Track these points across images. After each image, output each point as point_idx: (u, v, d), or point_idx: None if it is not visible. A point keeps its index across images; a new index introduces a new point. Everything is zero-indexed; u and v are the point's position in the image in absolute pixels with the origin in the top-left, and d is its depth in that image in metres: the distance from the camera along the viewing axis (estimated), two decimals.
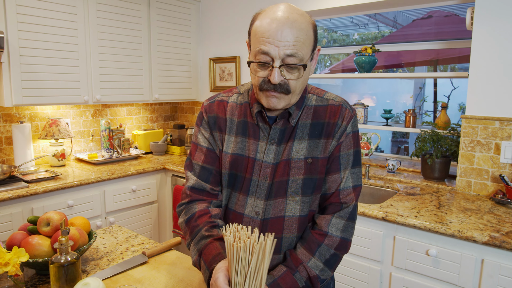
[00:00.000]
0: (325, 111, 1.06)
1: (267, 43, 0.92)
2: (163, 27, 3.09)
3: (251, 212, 1.05)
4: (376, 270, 1.86)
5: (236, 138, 1.08)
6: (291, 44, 0.91)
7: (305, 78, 1.00)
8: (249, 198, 1.06)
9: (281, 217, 1.04)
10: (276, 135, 1.05)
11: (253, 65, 0.98)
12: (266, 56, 0.93)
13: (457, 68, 5.48)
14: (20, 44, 2.29)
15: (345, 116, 1.05)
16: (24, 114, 2.68)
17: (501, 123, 2.00)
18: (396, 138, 6.20)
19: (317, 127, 1.05)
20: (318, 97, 1.08)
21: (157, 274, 1.17)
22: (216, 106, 1.13)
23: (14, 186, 2.15)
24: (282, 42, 0.91)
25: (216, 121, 1.11)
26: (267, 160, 1.04)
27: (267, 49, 0.92)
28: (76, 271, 1.00)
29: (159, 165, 2.89)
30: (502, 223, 1.66)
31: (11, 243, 1.14)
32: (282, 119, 1.05)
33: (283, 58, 0.92)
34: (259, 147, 1.06)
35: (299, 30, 0.92)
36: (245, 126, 1.08)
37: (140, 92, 3.00)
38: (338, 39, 5.74)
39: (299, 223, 1.04)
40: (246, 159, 1.06)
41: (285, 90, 0.96)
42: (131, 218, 2.73)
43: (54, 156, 2.67)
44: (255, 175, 1.05)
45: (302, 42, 0.93)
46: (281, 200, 1.04)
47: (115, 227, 1.58)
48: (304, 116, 1.06)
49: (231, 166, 1.08)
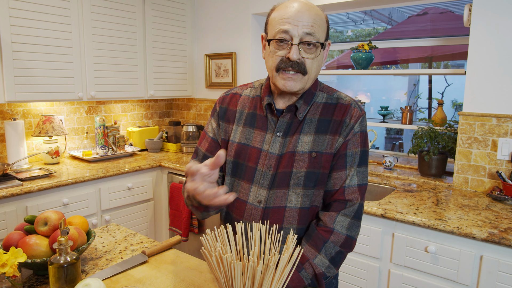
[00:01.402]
0: (334, 109, 1.08)
1: (286, 23, 0.98)
2: (158, 22, 3.05)
3: (254, 200, 1.08)
4: (375, 267, 1.86)
5: (243, 128, 1.13)
6: (310, 24, 0.98)
7: (319, 62, 1.05)
8: (252, 186, 1.09)
9: (283, 207, 1.06)
10: (282, 127, 1.07)
11: (272, 46, 1.02)
12: (286, 35, 0.99)
13: (450, 65, 5.51)
14: (13, 39, 2.25)
15: (353, 115, 1.06)
16: (17, 110, 2.63)
17: (498, 120, 2.01)
18: (390, 135, 6.23)
19: (324, 123, 1.06)
20: (328, 95, 1.11)
21: (158, 273, 1.15)
22: (229, 99, 1.19)
23: (7, 184, 2.11)
24: (301, 22, 0.97)
25: (226, 113, 1.17)
26: (272, 151, 1.07)
27: (287, 28, 0.98)
28: (76, 271, 0.98)
29: (155, 162, 2.86)
30: (500, 220, 1.67)
31: (7, 243, 1.11)
32: (289, 112, 1.08)
33: (301, 37, 0.98)
34: (266, 138, 1.09)
35: (316, 14, 1.00)
36: (254, 118, 1.12)
37: (135, 89, 2.96)
38: (332, 35, 5.73)
39: (299, 215, 1.06)
40: (251, 149, 1.10)
41: (302, 70, 1.00)
42: (127, 216, 2.71)
43: (48, 154, 2.62)
44: (260, 164, 1.08)
45: (318, 25, 1.00)
46: (283, 191, 1.06)
47: (113, 225, 1.55)
48: (312, 112, 1.08)
49: (236, 155, 1.12)
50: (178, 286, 1.08)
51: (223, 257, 0.68)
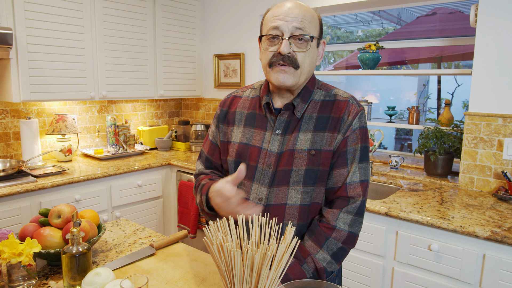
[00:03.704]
0: (332, 106, 1.10)
1: (277, 20, 1.03)
2: (168, 23, 3.11)
3: (255, 198, 1.11)
4: (379, 265, 1.88)
5: (244, 128, 1.16)
6: (299, 19, 1.02)
7: (313, 58, 1.08)
8: (253, 184, 1.11)
9: (283, 204, 1.08)
10: (281, 126, 1.10)
11: (264, 43, 1.06)
12: (276, 31, 1.03)
13: (461, 65, 5.46)
14: (28, 40, 2.32)
15: (351, 111, 1.08)
16: (31, 109, 2.72)
17: (504, 120, 2.01)
18: (399, 135, 6.21)
19: (322, 121, 1.09)
20: (326, 93, 1.13)
21: (165, 265, 1.20)
22: (230, 101, 1.24)
23: (22, 181, 2.18)
24: (291, 17, 1.02)
25: (226, 115, 1.22)
26: (272, 149, 1.10)
27: (277, 24, 1.02)
28: (87, 261, 1.03)
29: (164, 160, 2.92)
30: (504, 219, 1.68)
31: (23, 235, 1.17)
32: (287, 110, 1.10)
33: (292, 32, 1.02)
34: (265, 137, 1.12)
35: (306, 11, 1.04)
36: (253, 117, 1.16)
37: (146, 89, 3.03)
38: (342, 35, 5.74)
39: (299, 212, 1.09)
40: (251, 148, 1.13)
41: (294, 63, 1.03)
42: (137, 213, 2.77)
43: (61, 152, 2.70)
44: (260, 163, 1.11)
45: (309, 21, 1.03)
46: (284, 188, 1.08)
47: (123, 220, 1.61)
48: (311, 110, 1.10)
49: (237, 155, 1.15)
50: (184, 277, 1.13)
51: (224, 245, 0.72)
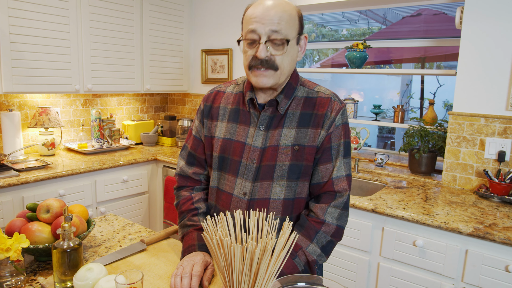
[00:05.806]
0: (314, 102, 1.12)
1: (254, 22, 1.02)
2: (155, 17, 3.07)
3: (239, 192, 1.12)
4: (365, 260, 1.92)
5: (227, 124, 1.17)
6: (276, 22, 1.01)
7: (292, 57, 1.08)
8: (237, 179, 1.13)
9: (267, 199, 1.10)
10: (265, 122, 1.11)
11: (244, 46, 1.07)
12: (254, 34, 1.03)
13: (442, 66, 5.59)
14: (11, 30, 2.25)
15: (333, 108, 1.10)
16: (13, 102, 2.64)
17: (486, 120, 2.07)
18: (382, 133, 6.31)
19: (305, 117, 1.10)
20: (309, 90, 1.15)
21: (157, 261, 1.19)
22: (213, 96, 1.24)
23: (4, 175, 2.12)
24: (267, 19, 1.01)
25: (210, 110, 1.22)
26: (256, 144, 1.11)
27: (254, 27, 1.02)
28: (78, 257, 1.02)
29: (150, 156, 2.89)
30: (486, 216, 1.73)
31: (10, 230, 1.14)
32: (271, 107, 1.11)
33: (269, 35, 1.02)
34: (249, 132, 1.13)
35: (283, 11, 1.03)
36: (237, 113, 1.16)
37: (132, 83, 2.99)
38: (327, 34, 5.78)
39: (283, 206, 1.11)
40: (235, 143, 1.14)
41: (272, 66, 1.04)
42: (122, 208, 2.73)
43: (43, 145, 2.64)
44: (244, 158, 1.12)
45: (286, 21, 1.02)
46: (268, 183, 1.10)
47: (111, 215, 1.59)
48: (294, 106, 1.12)
49: (221, 150, 1.16)
50: None
51: (223, 240, 0.72)
